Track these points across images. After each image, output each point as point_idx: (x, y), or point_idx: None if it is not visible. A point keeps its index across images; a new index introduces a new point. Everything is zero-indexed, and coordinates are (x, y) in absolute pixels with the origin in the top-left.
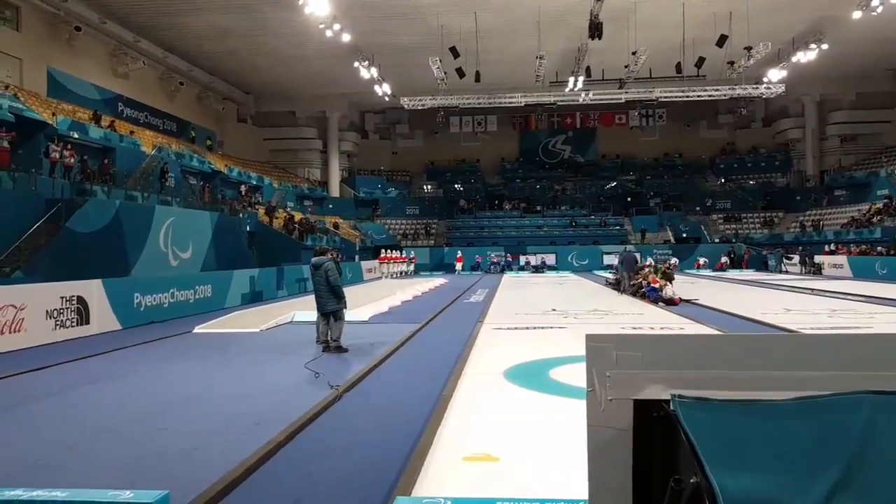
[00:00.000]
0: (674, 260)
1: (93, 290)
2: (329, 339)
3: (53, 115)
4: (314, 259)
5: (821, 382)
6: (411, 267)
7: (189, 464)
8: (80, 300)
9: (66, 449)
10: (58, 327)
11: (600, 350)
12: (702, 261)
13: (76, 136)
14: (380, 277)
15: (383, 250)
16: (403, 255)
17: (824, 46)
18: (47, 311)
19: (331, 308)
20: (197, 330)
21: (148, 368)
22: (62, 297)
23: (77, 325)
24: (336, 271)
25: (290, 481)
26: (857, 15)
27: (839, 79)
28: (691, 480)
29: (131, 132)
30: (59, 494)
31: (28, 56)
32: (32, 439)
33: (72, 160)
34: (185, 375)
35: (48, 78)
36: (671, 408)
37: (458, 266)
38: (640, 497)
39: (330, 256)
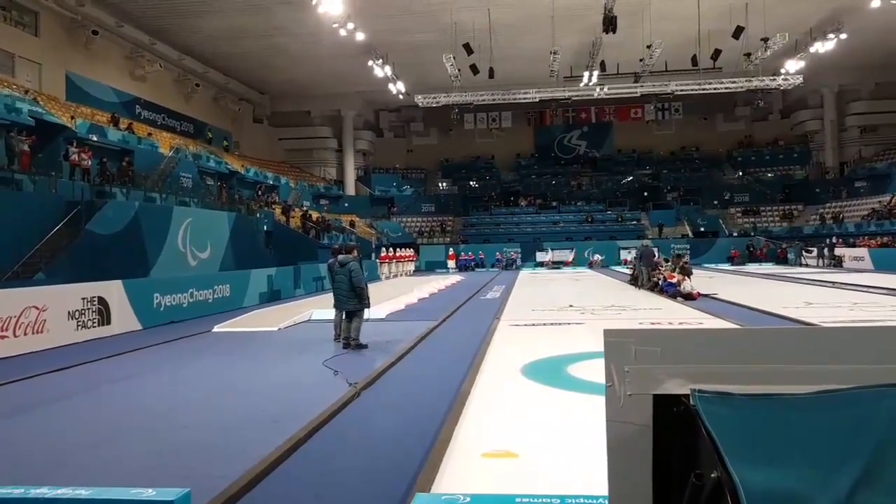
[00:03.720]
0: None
1: (113, 291)
2: (349, 336)
3: (72, 118)
4: (340, 256)
5: (843, 376)
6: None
7: (210, 461)
8: (101, 301)
9: (90, 447)
10: (79, 328)
11: (619, 345)
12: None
13: (95, 138)
14: (379, 279)
15: (383, 248)
16: (410, 253)
17: (843, 36)
18: (69, 312)
19: (351, 307)
20: (216, 329)
21: (168, 367)
22: (83, 298)
23: (98, 325)
24: (360, 272)
25: (310, 478)
26: (875, 3)
27: (858, 68)
28: (712, 475)
29: (149, 134)
30: (82, 492)
31: (47, 60)
32: (56, 438)
33: (88, 162)
34: (206, 374)
35: (67, 82)
36: (691, 402)
37: (451, 264)
38: (660, 492)
39: (355, 255)
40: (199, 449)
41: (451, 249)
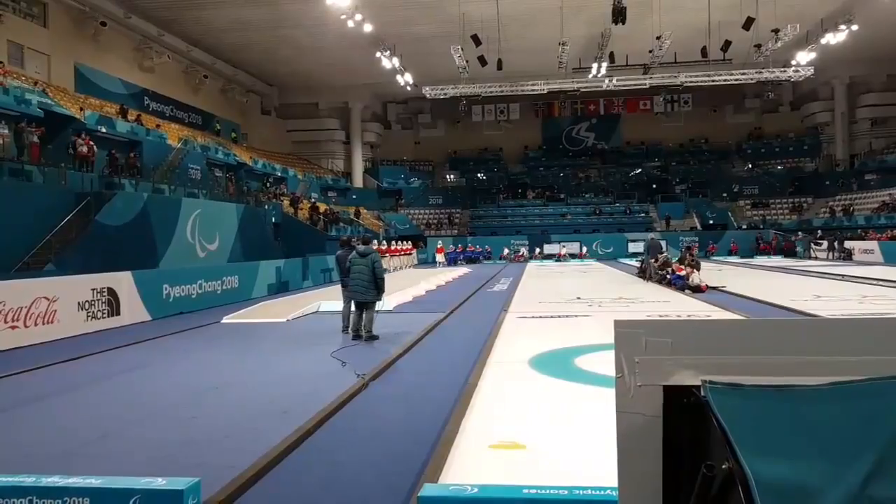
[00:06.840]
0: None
1: (123, 282)
2: (362, 328)
3: (81, 109)
4: (361, 247)
5: (856, 367)
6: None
7: (219, 451)
8: (111, 292)
9: (100, 437)
10: (89, 318)
11: (629, 336)
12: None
13: (104, 130)
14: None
15: (376, 241)
16: (408, 246)
17: (854, 27)
18: (79, 303)
19: (370, 298)
20: (225, 320)
21: (178, 358)
22: (93, 289)
23: (108, 316)
24: (381, 263)
25: (319, 469)
26: None
27: (869, 60)
28: (723, 466)
29: (157, 126)
30: (93, 481)
31: (56, 52)
32: (67, 428)
33: (93, 153)
34: (214, 365)
35: (75, 73)
36: (702, 394)
37: (440, 258)
38: (670, 483)
39: (375, 247)
40: (208, 439)
41: (439, 242)
